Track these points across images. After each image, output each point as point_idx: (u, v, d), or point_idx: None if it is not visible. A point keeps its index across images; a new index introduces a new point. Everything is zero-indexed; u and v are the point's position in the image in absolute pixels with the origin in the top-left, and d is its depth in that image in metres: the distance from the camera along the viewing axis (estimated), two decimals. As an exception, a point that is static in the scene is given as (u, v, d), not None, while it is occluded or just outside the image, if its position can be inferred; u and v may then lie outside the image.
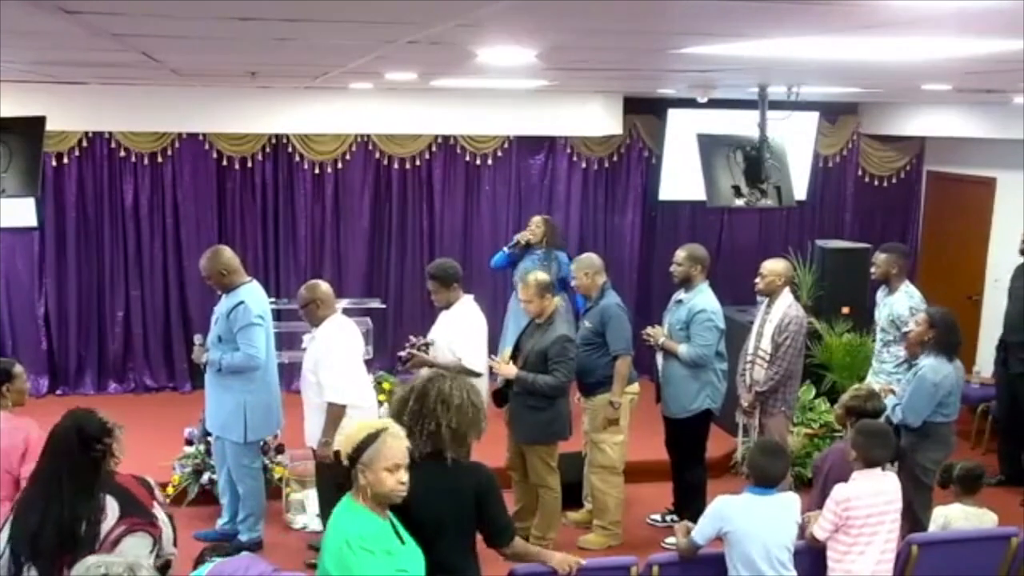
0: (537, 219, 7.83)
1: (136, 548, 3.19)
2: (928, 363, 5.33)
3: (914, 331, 5.54)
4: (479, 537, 3.62)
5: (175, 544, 3.50)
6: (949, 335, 5.36)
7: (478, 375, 5.44)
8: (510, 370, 5.57)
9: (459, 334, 5.65)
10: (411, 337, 5.84)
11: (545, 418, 5.59)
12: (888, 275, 6.26)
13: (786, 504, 4.21)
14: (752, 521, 4.07)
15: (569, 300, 7.23)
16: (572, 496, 6.20)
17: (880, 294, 6.41)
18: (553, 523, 5.80)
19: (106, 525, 3.19)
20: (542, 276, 5.78)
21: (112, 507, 3.22)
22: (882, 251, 6.37)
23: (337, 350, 5.43)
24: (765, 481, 4.14)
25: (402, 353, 5.79)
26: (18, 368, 4.58)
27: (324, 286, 5.59)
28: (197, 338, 5.86)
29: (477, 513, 3.52)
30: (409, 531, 3.36)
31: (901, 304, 6.13)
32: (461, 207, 8.93)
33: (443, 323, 5.77)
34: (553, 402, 5.58)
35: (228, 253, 5.70)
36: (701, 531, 4.15)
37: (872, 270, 6.40)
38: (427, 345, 5.68)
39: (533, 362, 5.56)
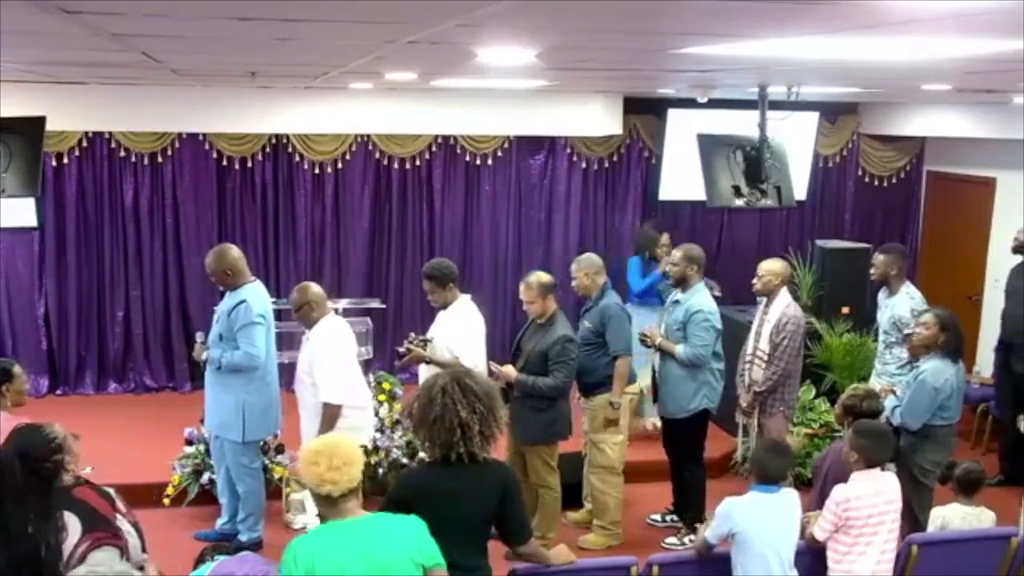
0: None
1: (103, 563, 3.09)
2: (929, 366, 5.32)
3: (923, 334, 5.48)
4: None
5: (144, 550, 3.43)
6: (959, 338, 5.35)
7: None
8: (510, 372, 5.57)
9: (457, 334, 5.65)
10: (411, 333, 5.84)
11: (546, 418, 5.59)
12: (887, 276, 6.25)
13: (789, 501, 4.21)
14: (760, 521, 4.08)
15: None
16: (572, 496, 6.20)
17: (881, 296, 6.40)
18: (553, 523, 5.80)
19: (69, 543, 3.09)
20: (545, 277, 5.78)
21: (73, 524, 3.13)
22: (881, 252, 6.36)
23: (332, 351, 5.44)
24: (766, 478, 4.15)
25: (400, 348, 5.80)
26: (17, 368, 4.56)
27: (315, 288, 5.60)
28: (199, 335, 5.86)
29: (499, 511, 3.54)
30: (432, 531, 3.38)
31: (902, 306, 6.11)
32: (461, 207, 8.94)
33: (441, 323, 5.76)
34: (554, 403, 5.58)
35: (235, 252, 5.70)
36: (713, 531, 4.16)
37: (871, 272, 6.38)
38: (425, 341, 5.68)
39: (534, 362, 5.56)
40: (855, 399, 4.84)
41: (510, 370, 5.59)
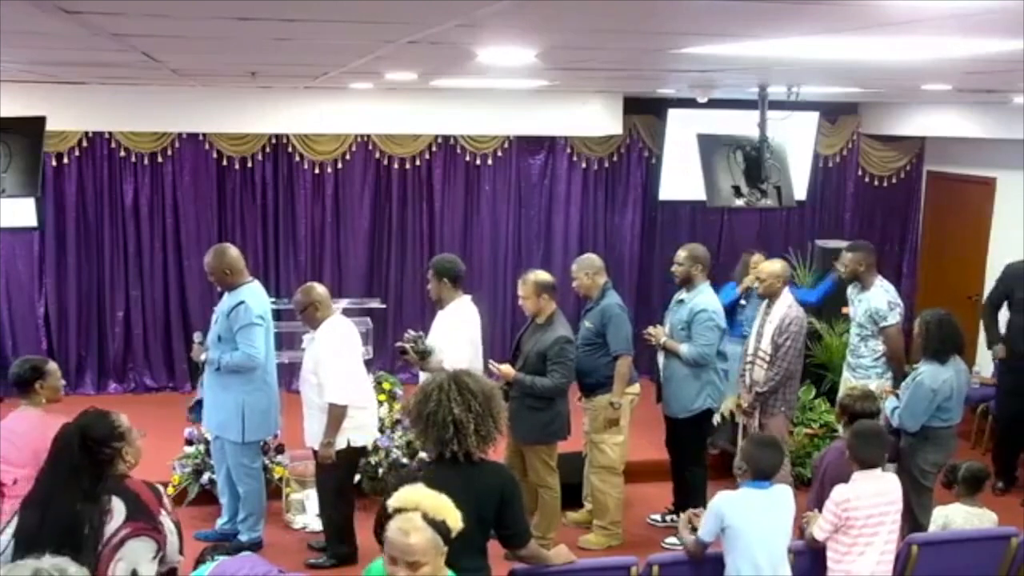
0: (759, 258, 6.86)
1: (139, 552, 3.18)
2: (926, 369, 5.33)
3: (913, 336, 5.54)
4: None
5: (181, 552, 3.48)
6: (939, 342, 5.33)
7: None
8: (509, 371, 5.57)
9: (448, 335, 5.63)
10: (409, 331, 5.81)
11: (545, 418, 5.59)
12: (857, 273, 6.27)
13: (782, 498, 4.21)
14: (750, 516, 4.08)
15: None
16: (572, 496, 6.20)
17: (851, 291, 6.42)
18: (553, 523, 5.80)
19: (111, 527, 3.17)
20: (543, 275, 5.78)
21: (119, 509, 3.20)
22: (848, 250, 6.38)
23: (337, 351, 5.44)
24: (759, 474, 4.14)
25: (398, 344, 5.78)
26: (51, 365, 4.67)
27: (320, 288, 5.59)
28: (196, 336, 5.86)
29: (498, 514, 3.52)
30: None
31: (879, 299, 6.14)
32: (461, 207, 8.94)
33: (437, 324, 5.75)
34: (552, 403, 5.59)
35: (234, 252, 5.71)
36: (706, 529, 4.15)
37: (841, 270, 6.40)
38: (425, 350, 5.64)
39: (533, 362, 5.56)
40: (850, 399, 4.87)
41: (509, 369, 5.59)
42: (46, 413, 4.40)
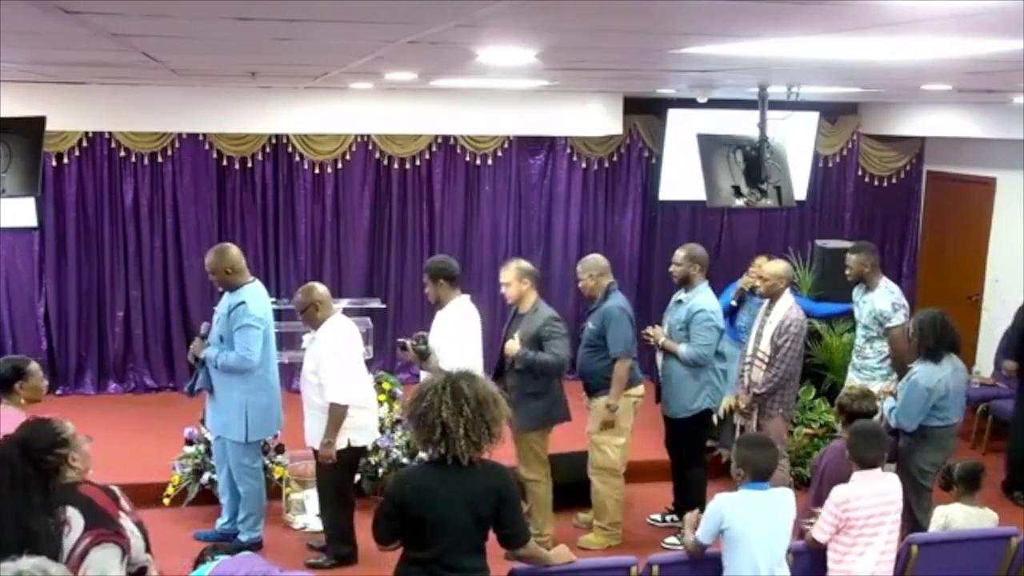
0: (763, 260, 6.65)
1: (104, 559, 3.09)
2: (921, 368, 5.33)
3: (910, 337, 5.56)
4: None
5: (148, 551, 3.41)
6: (933, 341, 5.32)
7: None
8: (512, 347, 5.57)
9: (447, 335, 5.63)
10: (418, 334, 5.78)
11: (545, 404, 5.62)
12: (862, 274, 6.27)
13: (782, 500, 4.20)
14: (750, 518, 4.07)
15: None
16: (581, 495, 6.16)
17: (857, 292, 6.42)
18: (548, 517, 5.79)
19: (71, 538, 3.07)
20: (524, 263, 5.81)
21: (76, 519, 3.10)
22: (852, 252, 6.38)
23: (338, 351, 5.44)
24: (757, 475, 4.14)
25: (400, 340, 5.78)
26: (33, 366, 4.66)
27: (321, 288, 5.60)
28: (204, 326, 5.83)
29: (496, 514, 3.51)
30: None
31: (883, 300, 6.14)
32: (461, 207, 8.94)
33: (438, 325, 5.75)
34: (551, 387, 5.61)
35: (235, 251, 5.71)
36: (704, 530, 4.15)
37: (846, 272, 6.40)
38: (424, 350, 5.63)
39: (527, 347, 5.56)
40: (848, 398, 4.88)
41: (512, 345, 5.59)
42: (26, 413, 4.37)
